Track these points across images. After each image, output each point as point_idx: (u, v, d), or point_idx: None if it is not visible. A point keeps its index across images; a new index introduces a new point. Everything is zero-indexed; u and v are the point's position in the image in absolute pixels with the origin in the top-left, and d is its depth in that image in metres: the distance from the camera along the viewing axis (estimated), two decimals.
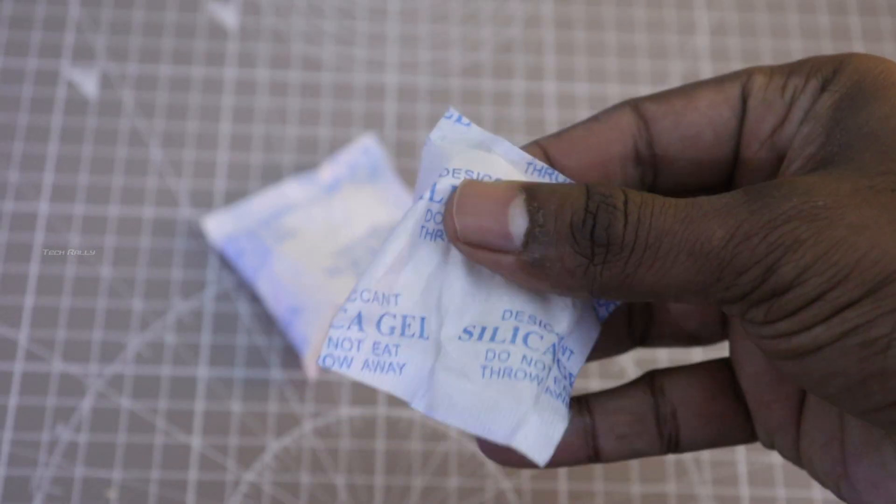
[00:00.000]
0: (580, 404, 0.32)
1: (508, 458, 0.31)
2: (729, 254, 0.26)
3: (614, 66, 0.56)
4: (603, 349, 0.34)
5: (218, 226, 0.50)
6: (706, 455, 0.47)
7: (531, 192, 0.28)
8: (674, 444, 0.32)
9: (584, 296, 0.28)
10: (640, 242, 0.27)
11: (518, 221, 0.28)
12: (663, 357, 0.49)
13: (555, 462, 0.32)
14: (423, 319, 0.29)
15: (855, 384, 0.26)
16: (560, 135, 0.31)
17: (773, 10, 0.58)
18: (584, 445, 0.32)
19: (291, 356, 0.48)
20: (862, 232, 0.25)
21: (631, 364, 0.49)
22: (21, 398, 0.47)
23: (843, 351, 0.25)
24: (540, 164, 0.30)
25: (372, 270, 0.29)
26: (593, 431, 0.32)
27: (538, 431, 0.28)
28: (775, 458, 0.47)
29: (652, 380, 0.33)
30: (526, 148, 0.31)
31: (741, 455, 0.47)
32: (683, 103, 0.31)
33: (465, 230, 0.28)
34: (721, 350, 0.48)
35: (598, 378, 0.48)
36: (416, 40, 0.56)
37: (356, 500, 0.46)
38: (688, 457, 0.47)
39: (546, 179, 0.30)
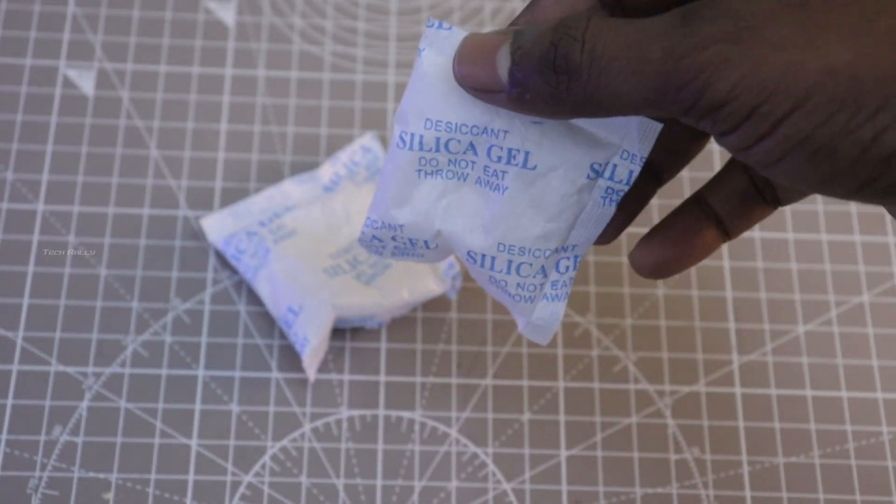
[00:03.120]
0: (700, 204, 0.38)
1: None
2: (666, 71, 0.29)
3: None
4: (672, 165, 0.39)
5: (217, 225, 0.50)
6: (708, 456, 0.47)
7: (516, 36, 0.32)
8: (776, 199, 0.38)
9: (566, 117, 0.32)
10: (595, 66, 0.30)
11: (503, 63, 0.32)
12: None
13: (698, 254, 0.38)
14: (426, 241, 0.37)
15: (816, 186, 0.30)
16: (531, 7, 0.35)
17: None
18: (718, 234, 0.38)
19: (291, 356, 0.48)
20: (780, 50, 0.29)
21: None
22: (18, 399, 0.47)
23: (797, 163, 0.29)
24: None
25: (378, 205, 0.36)
26: (717, 218, 0.38)
27: (535, 330, 0.38)
28: (779, 459, 0.47)
29: (732, 163, 0.38)
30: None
31: (743, 455, 0.47)
32: None
33: (464, 77, 0.33)
34: None
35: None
36: (417, 39, 0.56)
37: (356, 502, 0.45)
38: (689, 458, 0.47)
39: None
